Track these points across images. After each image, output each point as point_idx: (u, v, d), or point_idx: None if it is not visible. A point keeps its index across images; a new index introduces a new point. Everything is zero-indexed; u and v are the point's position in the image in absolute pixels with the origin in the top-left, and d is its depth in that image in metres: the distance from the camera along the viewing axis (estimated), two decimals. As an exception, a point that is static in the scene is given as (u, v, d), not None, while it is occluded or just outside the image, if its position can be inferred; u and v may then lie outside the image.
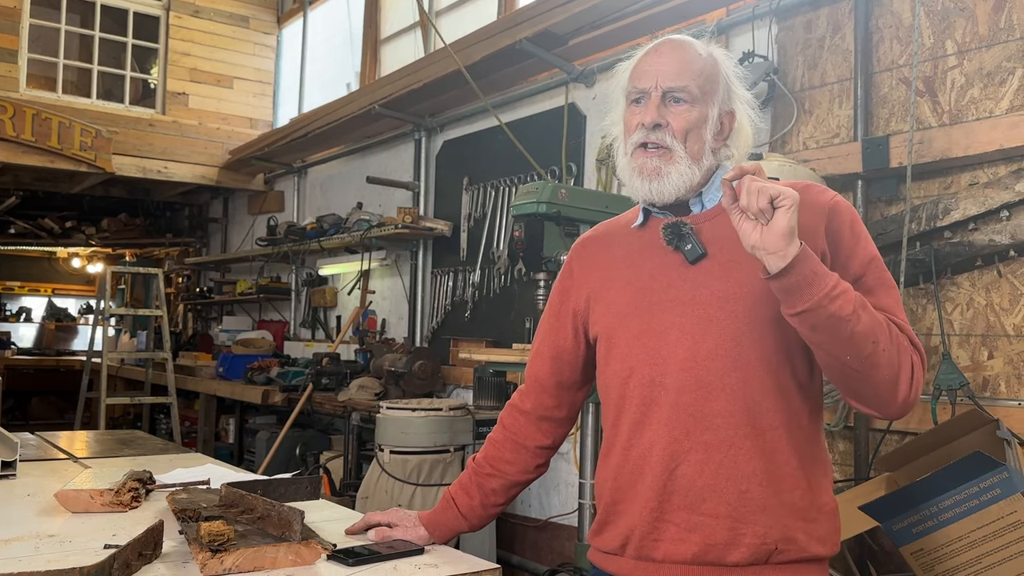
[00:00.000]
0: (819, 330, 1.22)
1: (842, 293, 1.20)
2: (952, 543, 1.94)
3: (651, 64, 1.40)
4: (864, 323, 1.22)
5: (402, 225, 4.93)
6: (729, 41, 3.55)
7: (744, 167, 1.22)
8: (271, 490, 1.72)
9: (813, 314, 1.20)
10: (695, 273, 1.37)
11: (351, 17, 6.57)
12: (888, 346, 1.25)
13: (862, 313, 1.22)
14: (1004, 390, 2.64)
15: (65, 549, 1.42)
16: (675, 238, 1.39)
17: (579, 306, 1.53)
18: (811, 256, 1.20)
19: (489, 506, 1.60)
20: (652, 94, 1.38)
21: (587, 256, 1.55)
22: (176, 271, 9.07)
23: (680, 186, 1.37)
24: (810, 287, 1.19)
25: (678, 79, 1.37)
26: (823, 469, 1.37)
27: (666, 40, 1.44)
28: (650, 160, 1.37)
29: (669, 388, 1.35)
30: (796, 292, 1.19)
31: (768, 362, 1.32)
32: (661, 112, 1.37)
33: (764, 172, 1.23)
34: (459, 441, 3.71)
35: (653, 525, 1.35)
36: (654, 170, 1.37)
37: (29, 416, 9.32)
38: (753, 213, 1.19)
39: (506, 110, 4.65)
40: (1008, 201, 2.60)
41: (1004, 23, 2.70)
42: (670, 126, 1.37)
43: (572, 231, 3.29)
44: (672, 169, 1.37)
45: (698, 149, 1.38)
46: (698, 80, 1.38)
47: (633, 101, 1.41)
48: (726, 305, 1.34)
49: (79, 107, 6.64)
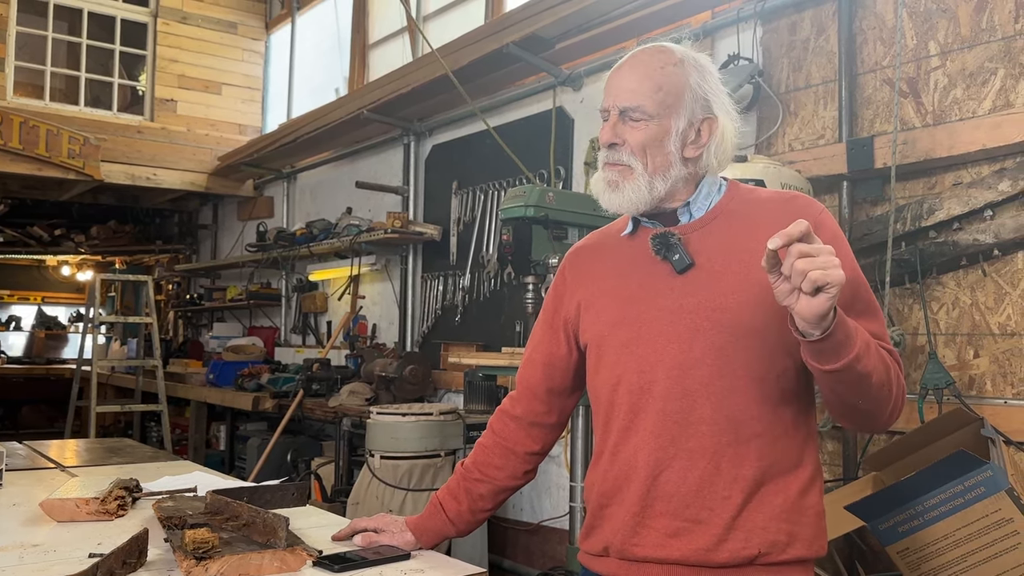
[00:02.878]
0: (842, 383, 1.23)
1: (866, 352, 1.21)
2: (938, 541, 1.95)
3: (612, 81, 1.44)
4: (880, 373, 1.24)
5: (392, 230, 4.93)
6: (714, 44, 3.57)
7: (791, 232, 1.09)
8: (257, 497, 1.71)
9: (840, 374, 1.20)
10: (683, 283, 1.39)
11: (339, 22, 6.58)
12: (892, 385, 1.28)
13: (879, 364, 1.24)
14: (990, 389, 2.65)
15: (49, 559, 1.41)
16: (663, 248, 1.40)
17: (570, 314, 1.54)
18: (844, 321, 1.17)
19: (477, 511, 1.61)
20: (611, 113, 1.42)
21: (579, 265, 1.57)
22: (166, 278, 9.05)
23: (636, 200, 1.40)
24: (841, 349, 1.17)
25: (632, 98, 1.39)
26: (810, 474, 1.37)
27: (631, 55, 1.45)
28: (611, 174, 1.41)
29: (656, 395, 1.36)
30: (827, 354, 1.18)
31: (754, 371, 1.33)
32: (618, 131, 1.40)
33: (813, 236, 1.11)
34: (450, 445, 3.71)
35: (635, 530, 1.37)
36: (612, 183, 1.41)
37: (19, 425, 9.27)
38: (792, 287, 1.13)
39: (494, 114, 4.66)
40: (992, 200, 2.62)
41: (986, 24, 2.72)
42: (627, 144, 1.40)
43: (560, 234, 3.29)
44: (628, 184, 1.39)
45: (661, 162, 1.39)
46: (656, 96, 1.38)
47: (603, 116, 1.45)
48: (712, 315, 1.34)
49: (67, 114, 6.63)
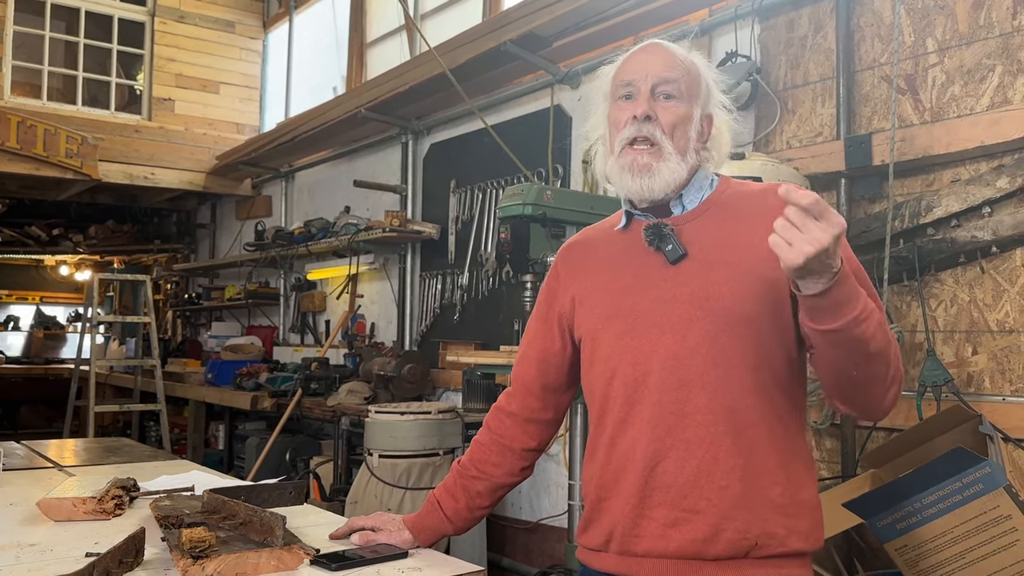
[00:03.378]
0: (839, 347, 1.21)
1: (867, 317, 1.19)
2: (936, 539, 1.94)
3: (639, 60, 1.42)
4: (879, 341, 1.22)
5: (390, 228, 4.93)
6: (712, 41, 3.56)
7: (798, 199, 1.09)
8: (254, 496, 1.71)
9: (838, 334, 1.19)
10: (676, 273, 1.38)
11: (337, 21, 6.57)
12: (891, 359, 1.26)
13: (879, 332, 1.22)
14: (988, 386, 2.65)
15: (46, 558, 1.41)
16: (656, 239, 1.40)
17: (564, 309, 1.53)
18: (846, 280, 1.16)
19: (474, 508, 1.61)
20: (642, 87, 1.39)
21: (572, 260, 1.56)
22: (164, 277, 9.04)
23: (670, 182, 1.38)
24: (840, 308, 1.16)
25: (668, 71, 1.39)
26: (804, 464, 1.38)
27: (649, 43, 1.45)
28: (640, 157, 1.37)
29: (651, 387, 1.36)
30: (825, 312, 1.17)
31: (748, 360, 1.33)
32: (651, 105, 1.38)
33: (828, 211, 1.10)
34: (448, 444, 3.70)
35: (635, 521, 1.36)
36: (644, 166, 1.37)
37: (18, 425, 9.26)
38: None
39: (492, 112, 4.65)
40: (990, 197, 2.62)
41: (984, 20, 2.72)
42: (659, 120, 1.38)
43: (558, 233, 3.29)
44: (663, 166, 1.37)
45: (683, 145, 1.39)
46: (686, 78, 1.40)
47: (622, 97, 1.42)
48: (706, 304, 1.34)
49: (65, 114, 6.62)
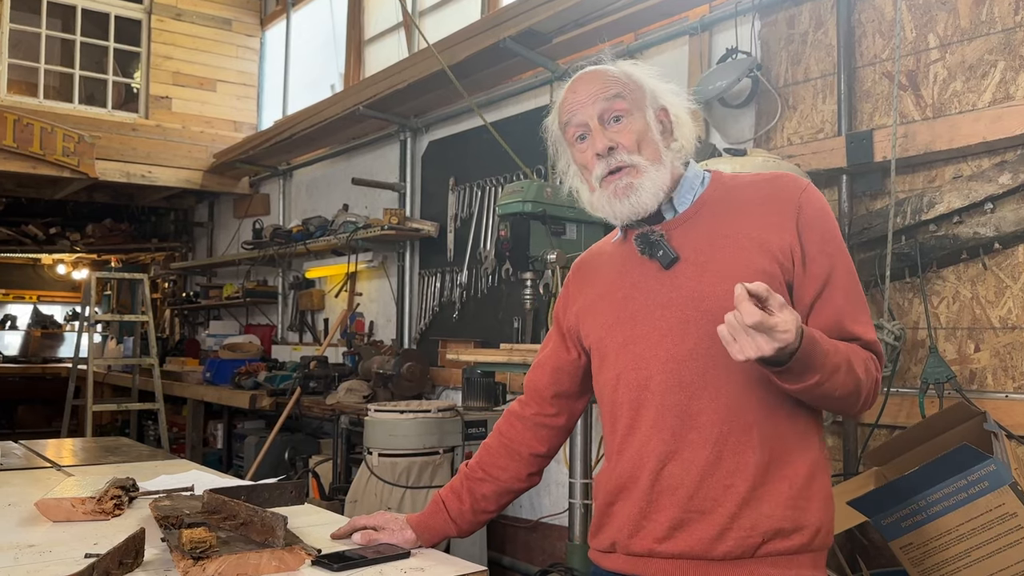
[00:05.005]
0: (805, 395, 1.28)
1: (832, 374, 1.23)
2: (941, 536, 1.94)
3: (575, 99, 1.45)
4: (846, 388, 1.27)
5: (388, 226, 4.91)
6: (712, 37, 3.55)
7: (752, 289, 1.13)
8: (255, 495, 1.70)
9: (801, 392, 1.26)
10: (671, 277, 1.41)
11: (334, 18, 6.54)
12: (862, 393, 1.31)
13: (847, 382, 1.27)
14: (991, 383, 2.64)
15: (45, 559, 1.40)
16: (647, 247, 1.43)
17: (571, 323, 1.58)
18: (810, 350, 1.18)
19: (479, 512, 1.62)
20: (591, 123, 1.43)
21: (581, 276, 1.61)
22: (162, 276, 9.01)
23: (656, 191, 1.41)
24: (804, 374, 1.21)
25: (606, 93, 1.42)
26: (814, 458, 1.38)
27: (577, 77, 1.49)
28: (620, 180, 1.41)
29: (654, 390, 1.39)
30: (786, 375, 1.22)
31: None
32: (607, 136, 1.41)
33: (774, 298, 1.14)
34: (448, 443, 3.69)
35: (640, 524, 1.38)
36: (627, 187, 1.41)
37: (16, 424, 9.24)
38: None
39: (491, 109, 4.63)
40: (992, 193, 2.61)
41: (985, 16, 2.71)
42: (621, 144, 1.41)
43: (558, 230, 3.28)
44: (644, 180, 1.40)
45: (654, 152, 1.42)
46: (625, 90, 1.43)
47: (576, 139, 1.46)
48: (701, 305, 1.37)
49: (61, 112, 6.59)
